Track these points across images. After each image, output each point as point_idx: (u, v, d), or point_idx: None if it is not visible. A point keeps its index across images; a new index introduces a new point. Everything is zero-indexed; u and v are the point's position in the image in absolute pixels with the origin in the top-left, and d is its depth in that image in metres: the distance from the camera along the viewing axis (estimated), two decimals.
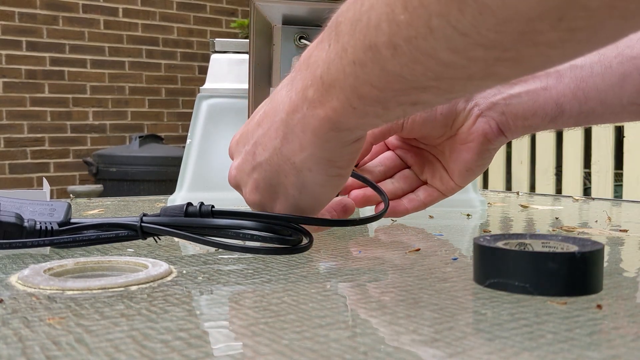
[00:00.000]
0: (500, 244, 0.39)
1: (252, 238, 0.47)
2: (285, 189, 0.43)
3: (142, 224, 0.48)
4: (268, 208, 0.45)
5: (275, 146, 0.40)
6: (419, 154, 0.56)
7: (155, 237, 0.50)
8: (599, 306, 0.35)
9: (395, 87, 0.32)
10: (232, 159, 0.48)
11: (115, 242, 0.50)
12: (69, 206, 0.50)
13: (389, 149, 0.58)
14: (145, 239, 0.49)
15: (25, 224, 0.46)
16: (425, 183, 0.57)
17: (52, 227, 0.47)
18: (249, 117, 0.69)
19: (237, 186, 0.47)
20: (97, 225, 0.48)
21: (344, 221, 0.50)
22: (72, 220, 0.49)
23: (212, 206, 0.48)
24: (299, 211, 0.44)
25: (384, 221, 0.72)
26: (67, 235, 0.47)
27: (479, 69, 0.29)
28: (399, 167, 0.57)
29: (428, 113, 0.51)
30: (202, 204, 0.48)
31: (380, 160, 0.57)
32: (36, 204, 0.50)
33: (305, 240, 0.48)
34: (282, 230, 0.47)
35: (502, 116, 0.50)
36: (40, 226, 0.46)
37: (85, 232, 0.48)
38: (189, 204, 0.48)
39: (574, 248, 0.38)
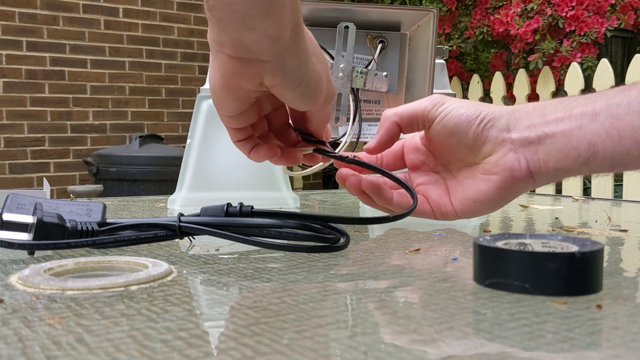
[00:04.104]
0: (500, 244, 0.39)
1: (295, 237, 0.47)
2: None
3: (181, 224, 0.48)
4: None
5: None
6: (428, 173, 0.55)
7: (190, 237, 0.50)
8: (599, 306, 0.35)
9: None
10: None
11: (154, 242, 0.50)
12: (105, 207, 0.51)
13: (404, 161, 0.57)
14: (182, 238, 0.49)
15: (67, 224, 0.46)
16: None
17: (92, 228, 0.47)
18: None
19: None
20: (136, 225, 0.48)
21: (375, 219, 0.50)
22: (108, 221, 0.49)
23: (252, 207, 0.48)
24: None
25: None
26: (109, 236, 0.47)
27: None
28: (398, 165, 0.57)
29: (462, 125, 0.49)
30: (241, 204, 0.48)
31: (385, 153, 0.56)
32: (72, 205, 0.50)
33: (342, 239, 0.49)
34: (321, 229, 0.48)
35: (535, 155, 0.48)
36: (82, 227, 0.47)
37: (124, 232, 0.48)
38: (229, 204, 0.48)
39: (574, 248, 0.38)
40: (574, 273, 0.36)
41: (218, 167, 0.84)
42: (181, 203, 0.82)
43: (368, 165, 0.53)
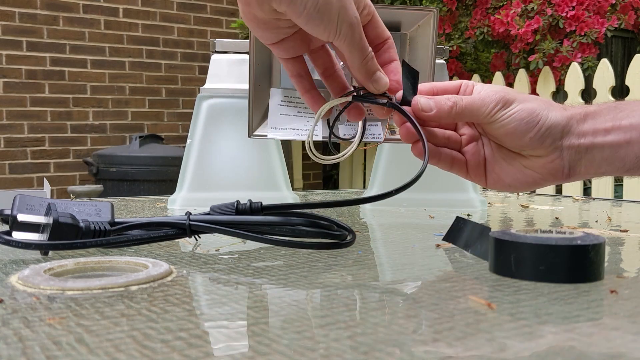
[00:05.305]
0: (512, 236, 0.41)
1: (307, 234, 0.47)
2: None
3: (191, 222, 0.48)
4: None
5: None
6: (472, 128, 0.55)
7: (196, 236, 0.50)
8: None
9: None
10: None
11: (164, 241, 0.50)
12: (113, 207, 0.51)
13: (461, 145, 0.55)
14: (192, 236, 0.49)
15: (81, 224, 0.46)
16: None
17: (105, 227, 0.47)
18: (249, 117, 0.69)
19: None
20: (145, 224, 0.48)
21: (379, 196, 0.49)
22: (117, 220, 0.49)
23: (261, 203, 0.48)
24: None
25: (385, 220, 0.72)
26: (121, 235, 0.47)
27: None
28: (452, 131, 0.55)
29: (521, 129, 0.49)
30: (251, 201, 0.48)
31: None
32: (81, 205, 0.50)
33: (349, 237, 0.50)
34: (330, 226, 0.48)
35: (579, 163, 0.50)
36: (94, 226, 0.47)
37: (134, 231, 0.48)
38: (238, 202, 0.48)
39: (578, 241, 0.40)
40: (579, 262, 0.39)
41: (218, 167, 0.84)
42: (181, 203, 0.82)
43: (404, 113, 0.51)
